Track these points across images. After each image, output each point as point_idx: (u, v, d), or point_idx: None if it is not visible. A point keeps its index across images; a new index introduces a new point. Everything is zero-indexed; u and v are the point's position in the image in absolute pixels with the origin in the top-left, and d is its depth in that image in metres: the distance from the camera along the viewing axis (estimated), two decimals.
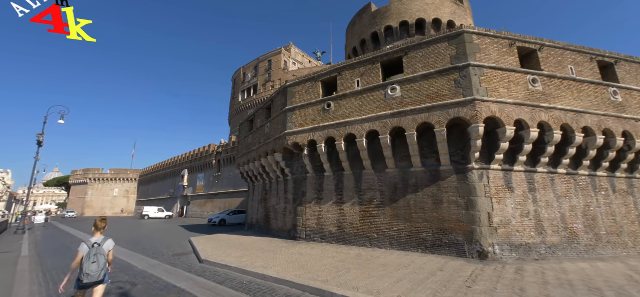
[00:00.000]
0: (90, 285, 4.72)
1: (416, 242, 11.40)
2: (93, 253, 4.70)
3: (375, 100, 12.60)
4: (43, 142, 27.09)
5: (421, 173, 11.91)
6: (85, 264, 4.63)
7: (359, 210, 12.98)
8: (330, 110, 13.76)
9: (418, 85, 11.78)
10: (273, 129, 16.89)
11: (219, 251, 12.31)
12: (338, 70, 14.07)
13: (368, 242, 12.40)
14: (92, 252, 4.71)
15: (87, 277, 4.60)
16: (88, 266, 4.62)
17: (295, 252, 11.52)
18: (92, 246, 4.78)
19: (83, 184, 69.18)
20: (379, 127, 12.16)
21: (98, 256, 4.73)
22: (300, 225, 14.73)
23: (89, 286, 4.73)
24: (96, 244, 4.82)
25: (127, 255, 12.87)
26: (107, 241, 5.01)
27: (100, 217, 5.27)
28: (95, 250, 4.74)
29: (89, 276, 4.60)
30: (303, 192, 15.11)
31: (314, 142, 14.11)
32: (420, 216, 11.54)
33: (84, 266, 4.63)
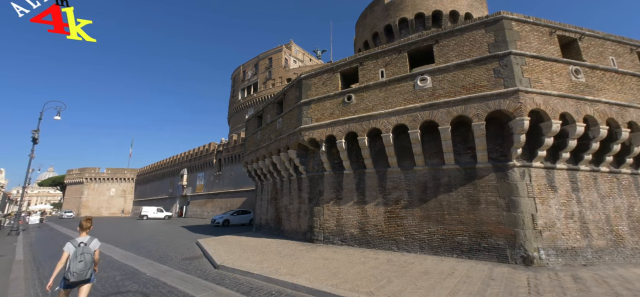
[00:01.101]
0: (77, 284, 4.76)
1: (450, 246, 10.45)
2: (79, 252, 4.74)
3: (402, 92, 11.64)
4: (38, 139, 25.87)
5: (454, 171, 10.97)
6: (71, 263, 4.66)
7: (383, 211, 12.01)
8: (350, 103, 12.78)
9: (452, 76, 10.84)
10: (286, 124, 15.88)
11: (233, 254, 11.28)
12: (359, 60, 13.09)
13: (394, 246, 11.44)
14: (78, 251, 4.74)
15: (73, 276, 4.62)
16: (75, 265, 4.65)
17: (317, 256, 10.53)
18: (78, 245, 4.82)
19: (79, 184, 67.54)
20: (408, 120, 11.20)
21: (84, 255, 4.77)
22: (317, 226, 13.73)
23: (75, 285, 4.76)
24: (82, 243, 4.86)
25: (131, 259, 11.80)
26: (93, 241, 5.06)
27: (85, 217, 5.31)
28: (81, 249, 4.78)
29: (75, 274, 4.63)
30: (320, 191, 14.11)
31: (333, 137, 13.12)
32: (454, 217, 10.60)
33: (70, 265, 4.65)
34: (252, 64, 66.85)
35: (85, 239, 4.99)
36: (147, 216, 43.96)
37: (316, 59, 77.54)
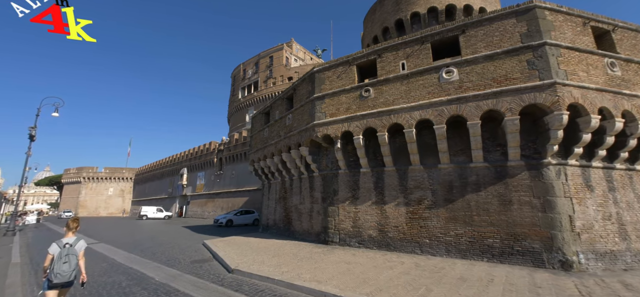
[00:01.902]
0: (60, 285, 4.60)
1: (480, 250, 9.78)
2: (64, 253, 4.62)
3: (425, 85, 10.97)
4: (35, 136, 25.00)
5: (483, 169, 10.30)
6: (56, 264, 4.54)
7: (405, 211, 11.32)
8: (368, 96, 12.09)
9: (480, 68, 10.18)
10: (297, 120, 15.16)
11: (246, 257, 10.54)
12: (377, 52, 12.40)
13: (418, 249, 10.76)
14: (63, 252, 4.63)
15: (57, 277, 4.49)
16: (59, 266, 4.53)
17: (338, 260, 9.82)
18: (64, 246, 4.70)
19: (76, 183, 66.41)
20: (433, 115, 10.52)
21: (69, 256, 4.65)
22: (332, 227, 13.02)
23: (59, 287, 4.61)
24: (68, 245, 4.74)
25: (136, 262, 11.05)
26: (80, 242, 4.93)
27: (72, 217, 5.19)
28: (66, 250, 4.66)
29: (59, 276, 4.50)
30: (334, 190, 13.40)
31: (349, 133, 12.42)
32: (483, 218, 9.93)
33: (55, 266, 4.53)
34: (253, 62, 66.00)
35: (72, 239, 4.85)
36: (146, 216, 43.04)
37: (317, 57, 76.92)
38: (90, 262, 11.13)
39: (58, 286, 4.62)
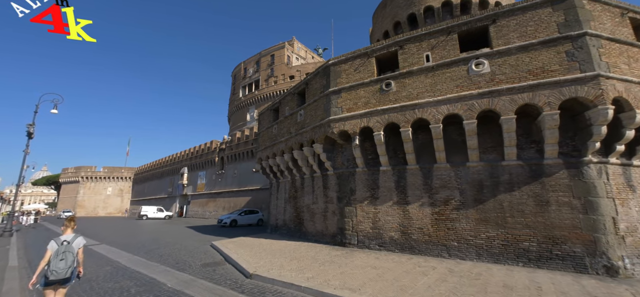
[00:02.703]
0: (57, 282, 4.57)
1: (514, 254, 9.13)
2: (62, 250, 4.62)
3: (453, 78, 10.31)
4: (33, 134, 24.18)
5: (516, 168, 9.65)
6: (53, 261, 4.53)
7: (430, 212, 10.66)
8: (389, 90, 11.43)
9: (514, 59, 9.54)
10: (309, 116, 14.47)
11: (261, 260, 9.84)
12: (399, 44, 11.74)
13: (445, 252, 10.09)
14: (60, 249, 4.62)
15: (53, 274, 4.48)
16: (56, 263, 4.52)
17: (363, 264, 9.14)
18: (61, 243, 4.69)
19: (74, 183, 65.32)
20: (462, 110, 9.87)
21: (66, 254, 4.64)
22: (350, 229, 12.34)
23: (55, 283, 4.57)
24: (65, 242, 4.73)
25: (143, 265, 10.32)
26: (77, 239, 4.92)
27: (69, 217, 5.16)
28: (64, 247, 4.65)
29: (55, 273, 4.49)
30: (351, 189, 12.72)
31: (368, 129, 11.75)
32: (518, 220, 9.28)
33: (51, 263, 4.52)
34: (254, 61, 65.21)
35: (69, 237, 4.83)
36: (146, 216, 42.19)
37: (318, 56, 76.31)
38: (93, 266, 10.41)
39: (54, 283, 4.56)
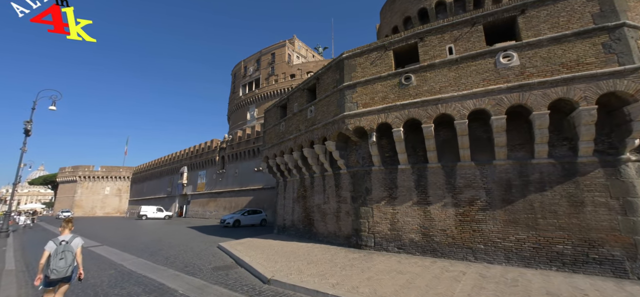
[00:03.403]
0: (58, 281, 4.61)
1: (547, 257, 8.58)
2: (61, 250, 4.65)
3: (479, 71, 9.76)
4: (31, 131, 23.44)
5: (548, 166, 9.10)
6: (52, 260, 4.56)
7: (453, 213, 10.10)
8: (409, 84, 10.86)
9: (546, 51, 8.99)
10: (321, 112, 13.88)
11: (277, 263, 9.24)
12: (419, 36, 11.17)
13: (471, 255, 9.54)
14: (59, 249, 4.65)
15: (54, 273, 4.52)
16: (56, 263, 4.56)
17: (387, 268, 8.56)
18: (60, 243, 4.72)
19: (72, 182, 64.35)
20: (490, 105, 9.32)
21: (66, 253, 4.68)
22: (366, 230, 11.76)
23: (57, 282, 4.62)
24: (64, 242, 4.77)
25: (149, 269, 9.69)
26: (76, 239, 4.96)
27: (67, 218, 5.19)
28: (62, 247, 4.69)
29: (56, 271, 4.53)
30: (366, 189, 12.14)
31: (387, 125, 11.18)
32: (550, 222, 8.73)
33: (51, 263, 4.55)
34: (254, 59, 64.47)
35: (67, 237, 4.88)
36: (146, 216, 41.47)
37: (318, 55, 75.77)
38: (95, 269, 9.78)
39: (55, 283, 4.61)
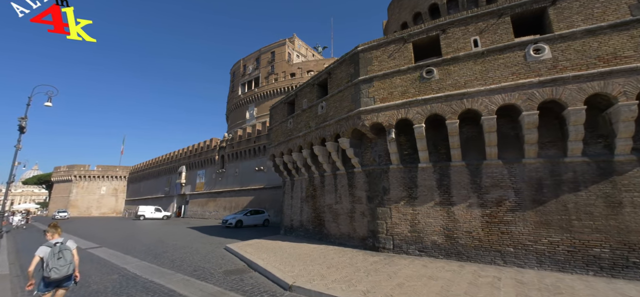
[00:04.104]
0: (59, 281, 4.44)
1: (583, 261, 8.09)
2: (56, 250, 4.47)
3: (508, 65, 9.27)
4: (26, 128, 22.57)
5: (581, 165, 8.62)
6: (50, 261, 4.37)
7: (479, 214, 9.59)
8: (431, 78, 10.34)
9: (580, 44, 8.52)
10: (333, 108, 13.32)
11: (294, 267, 8.64)
12: (441, 28, 10.66)
13: (499, 258, 9.02)
14: (55, 250, 4.47)
15: (55, 272, 4.35)
16: (54, 262, 4.39)
17: (415, 274, 8.00)
18: (54, 245, 4.53)
19: (67, 182, 62.99)
20: (521, 100, 8.81)
21: (63, 252, 4.52)
22: (383, 232, 11.21)
23: (57, 282, 4.44)
24: (58, 243, 4.59)
25: (157, 274, 9.04)
26: (69, 240, 4.82)
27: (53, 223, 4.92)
28: (58, 247, 4.51)
29: (56, 270, 4.36)
30: (384, 188, 11.59)
31: (407, 121, 10.65)
32: (585, 223, 8.24)
33: (50, 263, 4.36)
34: (254, 57, 63.76)
35: (60, 239, 4.70)
36: (144, 216, 40.56)
37: (318, 54, 75.34)
38: (97, 273, 9.12)
39: (55, 283, 4.43)
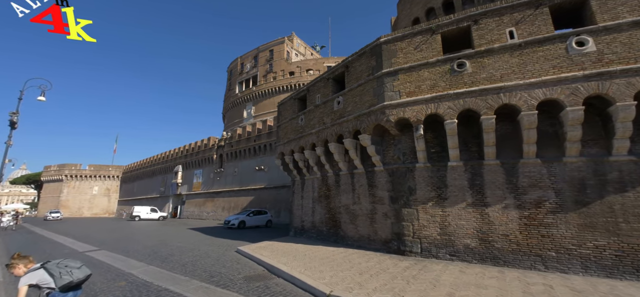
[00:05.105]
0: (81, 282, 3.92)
1: (632, 266, 7.58)
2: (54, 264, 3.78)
3: (548, 58, 8.74)
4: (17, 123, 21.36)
5: (628, 164, 8.12)
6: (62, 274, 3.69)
7: (517, 216, 9.03)
8: (463, 71, 9.77)
9: (626, 36, 8.03)
10: (352, 103, 12.66)
11: (323, 274, 7.93)
12: (472, 18, 10.10)
13: (540, 263, 8.47)
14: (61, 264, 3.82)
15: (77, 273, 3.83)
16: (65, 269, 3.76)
17: (461, 282, 7.39)
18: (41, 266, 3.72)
19: (57, 182, 60.95)
20: (564, 94, 8.29)
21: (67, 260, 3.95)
22: (410, 234, 10.59)
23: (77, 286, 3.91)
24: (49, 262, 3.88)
25: (169, 280, 8.24)
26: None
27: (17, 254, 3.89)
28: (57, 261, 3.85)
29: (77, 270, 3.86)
30: (409, 188, 10.97)
31: (436, 117, 10.06)
32: (635, 226, 7.74)
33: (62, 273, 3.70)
34: (251, 56, 62.81)
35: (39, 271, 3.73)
36: (139, 217, 39.30)
37: (317, 53, 74.83)
38: (102, 279, 8.29)
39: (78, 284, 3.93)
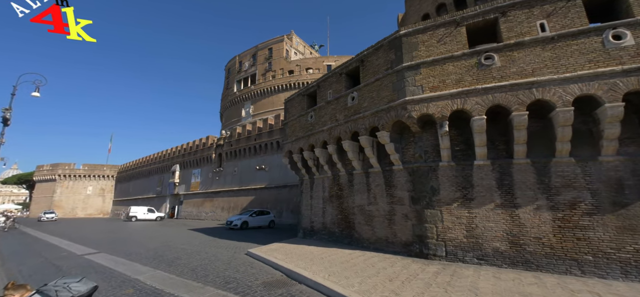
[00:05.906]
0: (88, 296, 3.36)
1: None
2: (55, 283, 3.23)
3: (583, 51, 8.29)
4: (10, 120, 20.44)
5: None
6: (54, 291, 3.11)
7: (550, 218, 8.56)
8: (491, 65, 9.28)
9: None
10: (368, 98, 12.12)
11: (350, 280, 7.36)
12: (500, 10, 9.63)
13: (576, 268, 8.01)
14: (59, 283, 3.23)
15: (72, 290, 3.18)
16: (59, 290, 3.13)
17: (503, 289, 6.88)
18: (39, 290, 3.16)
19: (50, 181, 59.50)
20: (601, 90, 7.84)
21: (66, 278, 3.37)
22: (433, 237, 10.07)
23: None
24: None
25: (182, 286, 7.60)
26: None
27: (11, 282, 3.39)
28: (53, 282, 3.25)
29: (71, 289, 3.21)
30: (432, 188, 10.46)
31: (463, 113, 9.56)
32: None
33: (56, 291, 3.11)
34: (250, 54, 62.11)
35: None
36: (136, 217, 38.34)
37: (315, 52, 74.37)
38: (106, 286, 7.64)
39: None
